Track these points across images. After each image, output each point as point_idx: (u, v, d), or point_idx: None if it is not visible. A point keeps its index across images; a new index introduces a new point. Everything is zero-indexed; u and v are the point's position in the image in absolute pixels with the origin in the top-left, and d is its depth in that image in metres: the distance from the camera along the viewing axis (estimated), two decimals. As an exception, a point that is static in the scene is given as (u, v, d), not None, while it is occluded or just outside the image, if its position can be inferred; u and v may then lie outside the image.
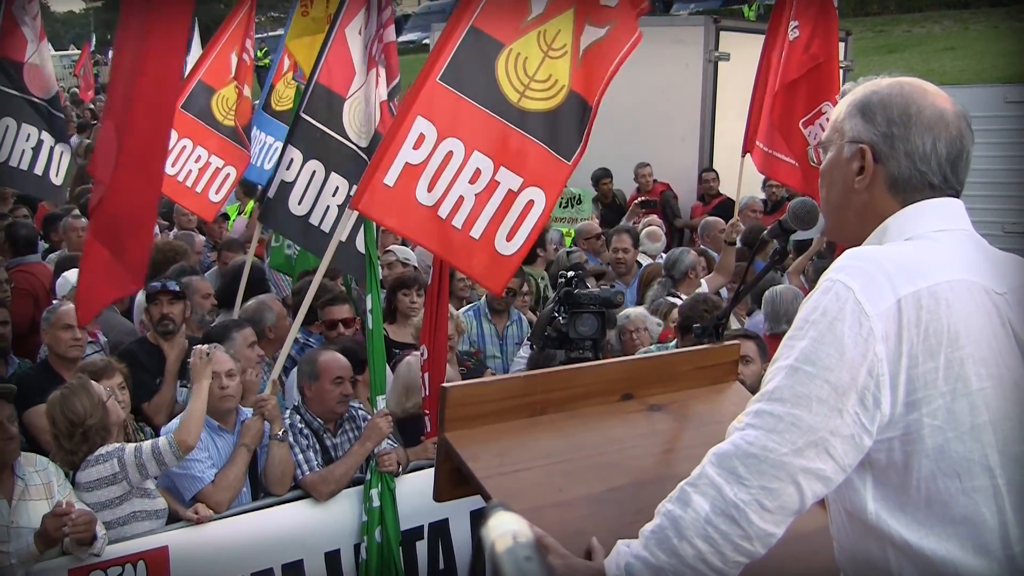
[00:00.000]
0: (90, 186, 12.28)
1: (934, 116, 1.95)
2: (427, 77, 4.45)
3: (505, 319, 7.00)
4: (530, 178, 4.54)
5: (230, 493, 4.69)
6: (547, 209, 4.62)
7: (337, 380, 4.99)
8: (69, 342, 5.38)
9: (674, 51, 11.83)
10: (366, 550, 4.83)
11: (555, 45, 4.55)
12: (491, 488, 2.13)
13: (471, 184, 4.49)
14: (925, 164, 1.94)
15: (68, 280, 6.29)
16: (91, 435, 4.29)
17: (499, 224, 4.55)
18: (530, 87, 4.51)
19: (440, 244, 4.59)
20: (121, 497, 4.31)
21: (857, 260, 1.85)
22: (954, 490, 1.79)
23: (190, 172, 7.64)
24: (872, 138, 1.96)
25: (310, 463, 4.88)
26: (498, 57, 4.48)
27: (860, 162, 1.97)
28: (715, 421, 2.40)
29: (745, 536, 1.80)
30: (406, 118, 4.42)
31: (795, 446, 1.78)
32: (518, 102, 4.51)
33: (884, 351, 1.76)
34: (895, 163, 1.95)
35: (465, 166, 4.46)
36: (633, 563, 1.90)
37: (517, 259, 4.70)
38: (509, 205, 4.54)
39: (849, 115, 2.01)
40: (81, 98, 23.97)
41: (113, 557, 4.19)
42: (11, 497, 4.07)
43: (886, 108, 1.96)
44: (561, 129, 4.60)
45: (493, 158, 4.49)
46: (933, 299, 1.79)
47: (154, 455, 4.33)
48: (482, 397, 2.28)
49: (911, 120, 1.94)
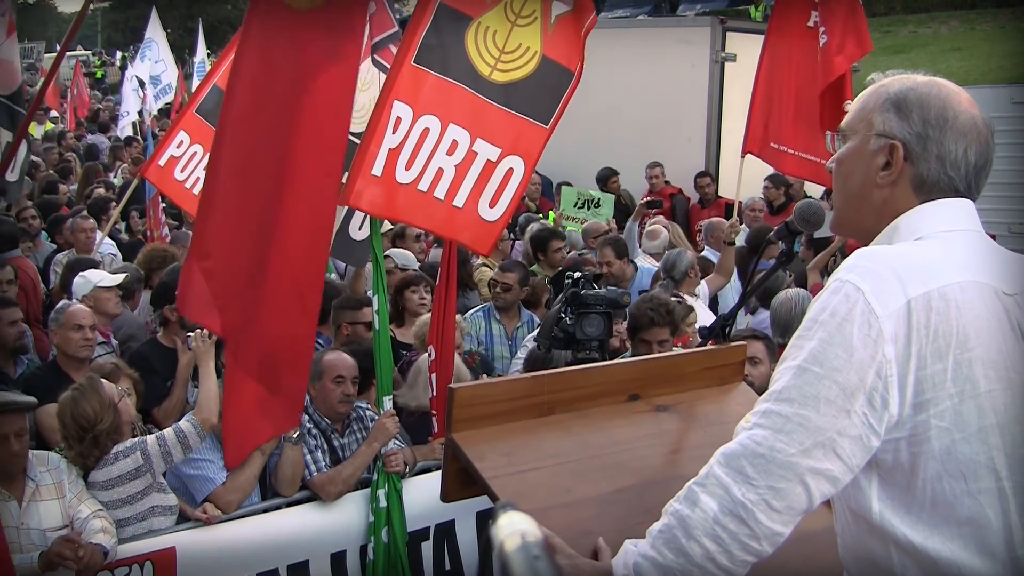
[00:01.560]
0: (98, 187, 12.36)
1: (968, 122, 1.93)
2: (402, 62, 4.52)
3: (515, 320, 6.97)
4: (508, 147, 4.64)
5: (241, 495, 4.71)
6: (527, 173, 4.72)
7: (338, 379, 4.98)
8: (80, 342, 5.38)
9: (680, 51, 11.85)
10: (373, 551, 4.83)
11: (523, 13, 4.64)
12: (498, 488, 2.13)
13: (448, 156, 4.58)
14: (955, 170, 1.92)
15: (89, 280, 6.26)
16: (102, 439, 4.28)
17: (481, 192, 4.65)
18: (501, 60, 4.60)
19: (426, 218, 4.69)
20: (143, 491, 4.33)
21: (867, 260, 1.84)
22: (960, 492, 1.78)
23: (198, 179, 7.59)
24: (905, 136, 1.93)
25: (318, 463, 4.89)
26: (467, 30, 4.56)
27: (887, 157, 1.95)
28: (722, 422, 2.40)
29: (753, 536, 1.80)
30: (385, 106, 4.49)
31: (803, 446, 1.78)
32: (490, 75, 4.59)
33: (893, 352, 1.76)
34: (925, 164, 1.92)
35: (442, 140, 4.55)
36: (641, 562, 1.90)
37: (502, 223, 4.81)
38: (489, 174, 4.64)
39: (881, 108, 1.96)
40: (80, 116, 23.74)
41: (121, 558, 4.19)
42: (22, 498, 4.07)
43: (923, 107, 1.93)
44: (537, 94, 4.68)
45: (469, 130, 4.58)
46: (943, 300, 1.79)
47: (179, 439, 4.39)
48: (489, 397, 2.28)
49: (947, 124, 1.92)
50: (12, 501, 4.04)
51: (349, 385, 5.02)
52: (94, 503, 4.20)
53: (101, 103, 28.71)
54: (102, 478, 4.28)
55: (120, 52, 47.80)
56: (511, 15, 4.59)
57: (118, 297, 6.40)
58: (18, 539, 3.99)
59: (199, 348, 4.73)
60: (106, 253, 8.70)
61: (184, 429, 4.43)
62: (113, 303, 6.29)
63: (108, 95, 31.60)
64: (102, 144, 18.69)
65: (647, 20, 14.24)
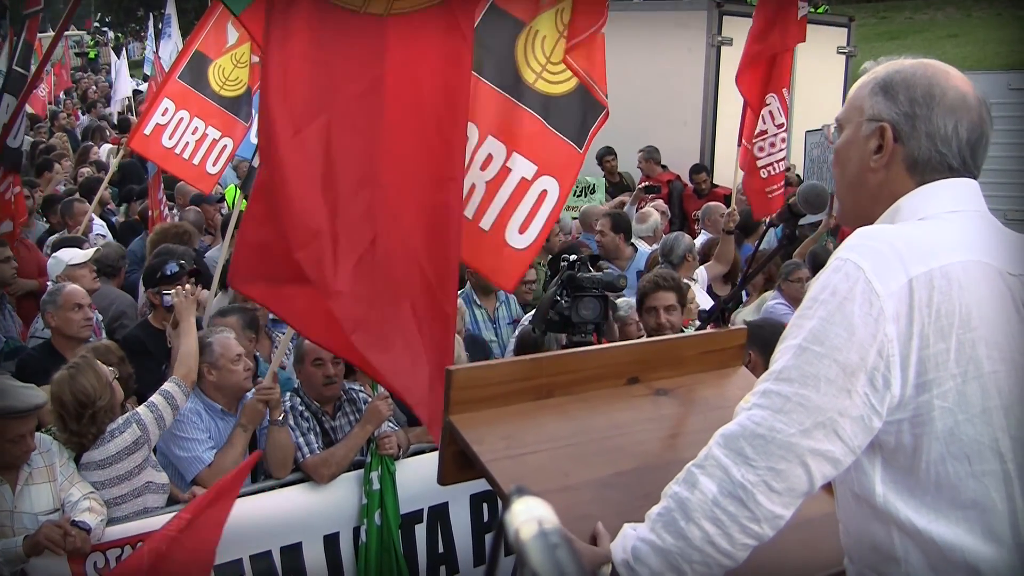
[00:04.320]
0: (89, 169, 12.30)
1: (957, 99, 1.92)
2: None
3: (494, 301, 6.93)
4: (544, 166, 4.37)
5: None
6: (561, 200, 4.41)
7: (316, 362, 4.91)
8: (81, 323, 5.36)
9: (677, 35, 11.83)
10: (366, 533, 4.82)
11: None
12: (496, 472, 2.11)
13: (482, 171, 4.32)
14: (946, 146, 1.92)
15: (61, 259, 6.25)
16: (99, 416, 4.24)
17: (511, 215, 4.35)
18: (547, 68, 4.37)
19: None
20: (140, 466, 4.31)
21: (868, 239, 1.83)
22: (964, 474, 1.77)
23: (187, 144, 7.58)
24: (893, 117, 1.93)
25: (310, 446, 4.87)
26: (518, 36, 4.33)
27: (879, 141, 1.95)
28: (721, 406, 2.39)
29: (753, 518, 1.79)
30: None
31: (803, 427, 1.76)
32: (534, 83, 4.36)
33: (895, 331, 1.74)
34: (915, 143, 1.92)
35: (478, 152, 4.29)
36: (640, 546, 1.89)
37: (530, 253, 4.47)
38: (522, 195, 4.34)
39: (871, 93, 1.97)
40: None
41: (113, 539, 4.17)
42: (16, 483, 4.04)
43: (909, 87, 1.93)
44: (572, 116, 4.44)
45: (506, 143, 4.32)
46: (945, 279, 1.77)
47: (168, 401, 4.39)
48: (487, 380, 2.26)
49: (934, 101, 1.91)
50: (5, 485, 4.01)
51: (330, 367, 4.92)
52: (85, 486, 4.17)
53: (97, 84, 28.62)
54: (99, 457, 4.25)
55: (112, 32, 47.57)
56: (560, 25, 4.34)
57: (93, 273, 6.39)
58: (11, 523, 3.96)
59: (181, 304, 4.69)
60: (95, 235, 8.66)
61: (169, 390, 4.42)
62: (88, 279, 6.26)
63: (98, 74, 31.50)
64: (95, 124, 18.63)
65: (644, 4, 14.19)
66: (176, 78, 7.79)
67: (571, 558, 0.95)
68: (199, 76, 7.75)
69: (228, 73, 7.84)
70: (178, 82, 7.72)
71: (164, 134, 7.60)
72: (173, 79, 7.84)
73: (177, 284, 5.26)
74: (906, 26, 27.63)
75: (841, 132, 2.04)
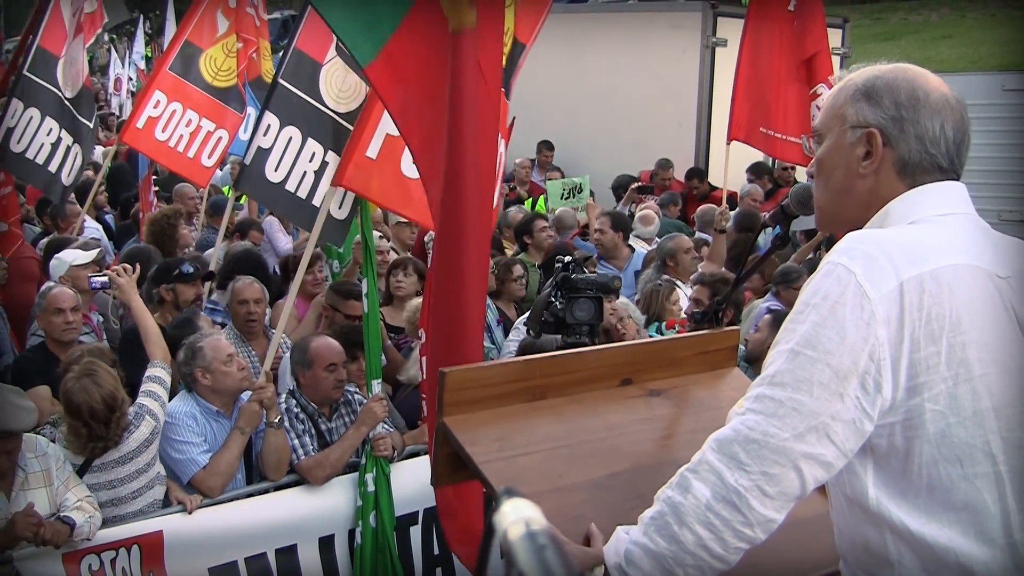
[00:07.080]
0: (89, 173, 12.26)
1: (939, 99, 1.93)
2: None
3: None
4: (504, 135, 4.43)
5: (223, 478, 4.68)
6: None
7: (330, 367, 4.95)
8: (62, 326, 5.34)
9: (671, 36, 11.82)
10: (361, 535, 4.83)
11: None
12: (490, 473, 2.11)
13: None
14: (935, 146, 1.92)
15: (64, 260, 6.22)
16: (124, 411, 4.28)
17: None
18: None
19: (423, 216, 4.53)
20: (155, 457, 4.41)
21: (859, 243, 1.83)
22: (955, 476, 1.77)
23: (181, 137, 7.49)
24: (880, 121, 1.93)
25: (305, 448, 4.87)
26: None
27: (866, 147, 1.94)
28: (715, 407, 2.40)
29: (746, 522, 1.79)
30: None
31: (796, 431, 1.77)
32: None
33: (886, 335, 1.75)
34: (905, 146, 1.92)
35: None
36: (632, 550, 1.89)
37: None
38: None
39: (852, 100, 1.96)
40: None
41: (107, 541, 4.17)
42: (11, 489, 4.02)
43: (893, 91, 1.93)
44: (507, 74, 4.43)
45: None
46: (936, 283, 1.77)
47: (161, 385, 4.50)
48: (481, 381, 2.26)
49: (919, 103, 1.91)
50: (0, 494, 3.99)
51: (342, 371, 5.01)
52: (82, 490, 4.16)
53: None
54: (118, 453, 4.27)
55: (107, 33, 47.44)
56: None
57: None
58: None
59: (120, 282, 4.75)
60: (89, 237, 8.63)
61: (157, 375, 4.51)
62: None
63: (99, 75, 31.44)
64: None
65: (638, 5, 14.19)
66: (167, 69, 7.67)
67: (558, 559, 0.96)
68: (190, 67, 7.64)
69: (220, 63, 7.70)
70: (169, 74, 7.59)
71: (157, 127, 7.49)
72: (164, 71, 7.70)
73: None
74: (900, 27, 27.67)
75: (821, 142, 2.03)
